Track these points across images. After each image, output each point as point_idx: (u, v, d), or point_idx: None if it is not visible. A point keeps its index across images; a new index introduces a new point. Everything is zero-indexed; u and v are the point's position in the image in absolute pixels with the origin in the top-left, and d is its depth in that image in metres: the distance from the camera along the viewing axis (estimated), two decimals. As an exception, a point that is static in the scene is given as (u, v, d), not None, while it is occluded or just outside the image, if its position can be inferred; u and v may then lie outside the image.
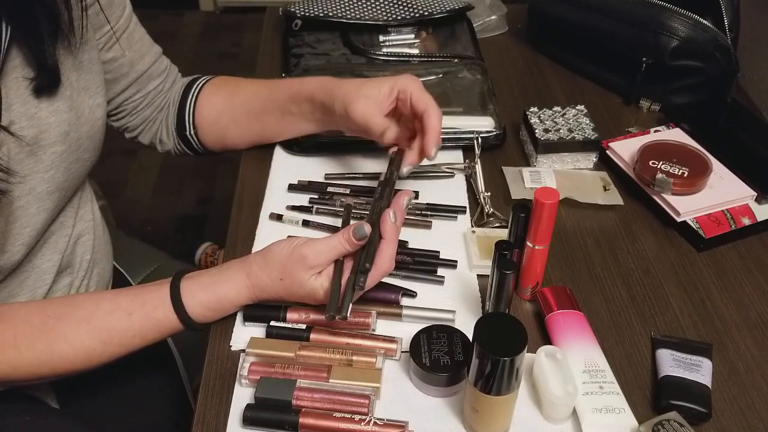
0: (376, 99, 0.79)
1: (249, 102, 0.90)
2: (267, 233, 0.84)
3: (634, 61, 1.02)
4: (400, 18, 1.12)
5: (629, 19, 1.01)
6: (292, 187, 0.90)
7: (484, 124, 0.95)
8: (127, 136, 0.93)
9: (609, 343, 0.72)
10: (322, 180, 0.91)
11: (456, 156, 0.95)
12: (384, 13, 1.13)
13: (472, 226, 0.85)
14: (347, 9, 1.13)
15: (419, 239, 0.83)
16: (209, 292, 0.69)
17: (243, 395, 0.66)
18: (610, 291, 0.78)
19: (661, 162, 0.87)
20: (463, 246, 0.82)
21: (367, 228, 0.66)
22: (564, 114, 0.96)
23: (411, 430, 0.63)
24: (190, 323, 0.69)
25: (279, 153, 0.95)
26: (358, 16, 1.12)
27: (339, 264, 0.68)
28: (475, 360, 0.58)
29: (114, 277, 0.95)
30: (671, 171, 0.85)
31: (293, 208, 0.87)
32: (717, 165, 0.89)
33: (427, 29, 1.15)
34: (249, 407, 0.64)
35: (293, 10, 1.14)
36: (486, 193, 0.87)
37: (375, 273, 0.66)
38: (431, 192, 0.89)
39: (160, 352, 0.94)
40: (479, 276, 0.79)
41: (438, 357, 0.66)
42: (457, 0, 1.16)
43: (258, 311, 0.72)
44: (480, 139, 0.92)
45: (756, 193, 0.86)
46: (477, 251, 0.80)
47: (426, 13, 1.13)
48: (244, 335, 0.71)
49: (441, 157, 0.92)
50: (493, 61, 1.15)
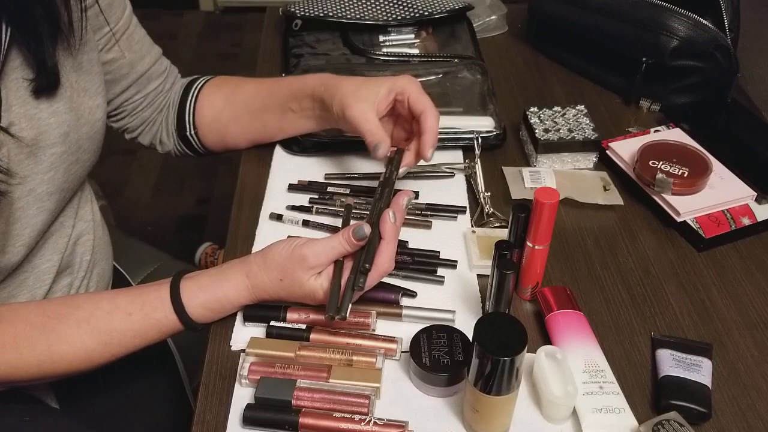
0: (373, 102, 0.79)
1: (250, 100, 0.90)
2: (267, 233, 0.84)
3: (634, 61, 1.01)
4: (400, 18, 1.12)
5: (629, 19, 1.01)
6: (292, 187, 0.90)
7: (484, 124, 0.95)
8: (127, 137, 0.93)
9: (609, 343, 0.72)
10: (322, 180, 0.91)
11: (456, 156, 0.95)
12: (384, 13, 1.13)
13: (472, 226, 0.85)
14: (347, 9, 1.13)
15: (419, 239, 0.83)
16: (209, 292, 0.69)
17: (243, 395, 0.66)
18: (610, 291, 0.78)
19: (661, 162, 0.87)
20: (463, 246, 0.82)
21: (367, 228, 0.66)
22: (564, 114, 0.96)
23: (411, 430, 0.63)
24: (190, 323, 0.69)
25: (279, 153, 0.95)
26: (358, 16, 1.12)
27: (339, 264, 0.68)
28: (475, 360, 0.58)
29: (114, 277, 0.95)
30: (671, 171, 0.85)
31: (293, 208, 0.87)
32: (717, 165, 0.89)
33: (427, 29, 1.15)
34: (249, 407, 0.64)
35: (293, 10, 1.14)
36: (486, 193, 0.87)
37: (375, 273, 0.66)
38: (431, 192, 0.89)
39: (160, 352, 0.94)
40: (479, 276, 0.79)
41: (438, 357, 0.66)
42: (457, 0, 1.16)
43: (258, 311, 0.72)
44: (480, 139, 0.92)
45: (756, 193, 0.86)
46: (477, 251, 0.80)
47: (426, 13, 1.13)
48: (244, 335, 0.71)
49: (441, 157, 0.93)
50: (493, 61, 1.15)
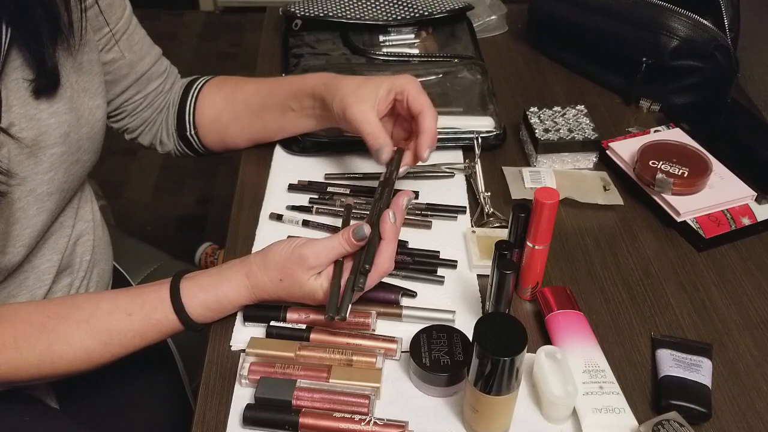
0: (373, 102, 0.79)
1: (250, 99, 0.90)
2: (267, 233, 0.84)
3: (634, 61, 1.01)
4: (400, 18, 1.12)
5: (629, 19, 1.01)
6: (292, 187, 0.90)
7: (484, 124, 0.95)
8: (127, 137, 0.93)
9: (609, 343, 0.72)
10: (322, 180, 0.91)
11: (456, 156, 0.95)
12: (384, 13, 1.13)
13: (472, 226, 0.85)
14: (347, 9, 1.13)
15: (419, 239, 0.83)
16: (209, 292, 0.69)
17: (243, 395, 0.66)
18: (610, 291, 0.78)
19: (661, 162, 0.87)
20: (463, 246, 0.82)
21: (367, 229, 0.66)
22: (564, 114, 0.96)
23: (411, 430, 0.63)
24: (190, 323, 0.69)
25: (279, 153, 0.95)
26: (358, 16, 1.12)
27: (339, 264, 0.68)
28: (475, 360, 0.58)
29: (114, 278, 0.95)
30: (671, 171, 0.85)
31: (293, 208, 0.87)
32: (717, 165, 0.89)
33: (427, 29, 1.15)
34: (249, 407, 0.64)
35: (293, 10, 1.14)
36: (486, 193, 0.87)
37: (374, 273, 0.66)
38: (431, 192, 0.89)
39: (160, 352, 0.94)
40: (479, 276, 0.79)
41: (438, 357, 0.66)
42: (457, 0, 1.16)
43: (258, 311, 0.72)
44: (480, 139, 0.92)
45: (756, 193, 0.86)
46: (477, 251, 0.80)
47: (426, 13, 1.13)
48: (244, 335, 0.71)
49: (441, 157, 0.93)
50: (493, 61, 1.15)
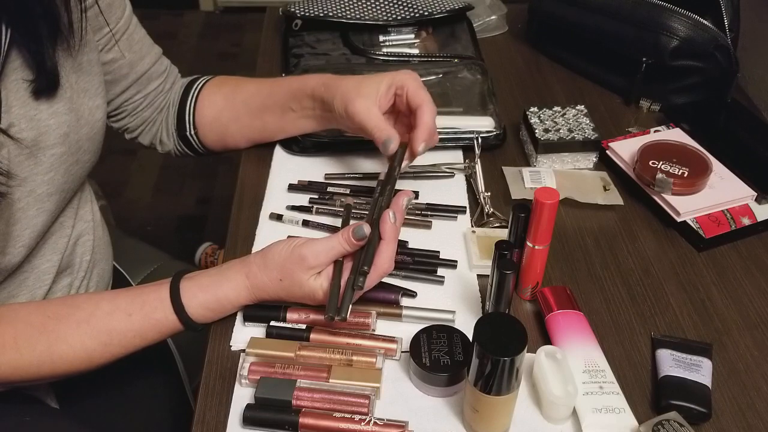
0: (374, 97, 0.79)
1: (250, 99, 0.90)
2: (267, 233, 0.84)
3: (634, 61, 1.01)
4: (400, 18, 1.12)
5: (629, 19, 1.01)
6: (292, 187, 0.90)
7: (484, 124, 0.95)
8: (127, 137, 0.93)
9: (609, 343, 0.72)
10: (322, 180, 0.91)
11: (456, 156, 0.95)
12: (384, 13, 1.13)
13: (472, 226, 0.85)
14: (347, 9, 1.13)
15: (419, 239, 0.83)
16: (209, 292, 0.69)
17: (243, 395, 0.66)
18: (610, 291, 0.78)
19: (661, 162, 0.87)
20: (463, 246, 0.82)
21: (367, 228, 0.66)
22: (564, 114, 0.96)
23: (411, 430, 0.63)
24: (189, 324, 0.69)
25: (279, 153, 0.95)
26: (358, 16, 1.12)
27: (338, 264, 0.68)
28: (475, 360, 0.58)
29: (114, 278, 0.95)
30: (671, 171, 0.85)
31: (293, 208, 0.87)
32: (717, 165, 0.89)
33: (427, 29, 1.15)
34: (249, 407, 0.64)
35: (293, 10, 1.14)
36: (486, 193, 0.87)
37: (374, 273, 0.66)
38: (431, 192, 0.89)
39: (160, 352, 0.94)
40: (479, 276, 0.79)
41: (438, 357, 0.66)
42: (457, 0, 1.16)
43: (258, 311, 0.72)
44: (480, 139, 0.92)
45: (756, 193, 0.86)
46: (477, 251, 0.80)
47: (426, 13, 1.13)
48: (244, 335, 0.71)
49: (441, 157, 0.93)
50: (493, 61, 1.15)
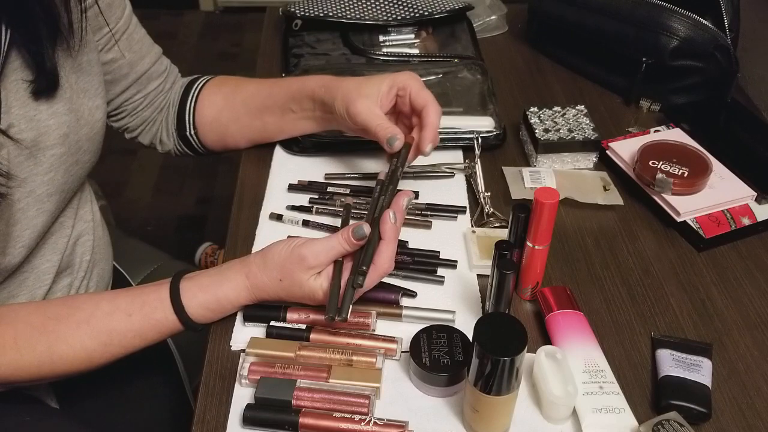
0: (375, 98, 0.79)
1: (250, 100, 0.90)
2: (267, 233, 0.84)
3: (634, 61, 1.01)
4: (400, 18, 1.12)
5: (629, 19, 1.01)
6: (292, 187, 0.90)
7: (484, 124, 0.95)
8: (127, 136, 0.93)
9: (609, 343, 0.72)
10: (322, 180, 0.91)
11: (456, 156, 0.95)
12: (384, 13, 1.13)
13: (472, 226, 0.85)
14: (347, 9, 1.13)
15: (419, 239, 0.83)
16: (209, 292, 0.69)
17: (243, 395, 0.66)
18: (610, 291, 0.78)
19: (661, 162, 0.87)
20: (463, 246, 0.82)
21: (366, 228, 0.66)
22: (564, 114, 0.96)
23: (411, 430, 0.63)
24: (189, 324, 0.69)
25: (279, 153, 0.95)
26: (358, 16, 1.12)
27: (339, 264, 0.68)
28: (475, 360, 0.58)
29: (114, 278, 0.95)
30: (671, 171, 0.85)
31: (293, 208, 0.87)
32: (717, 165, 0.89)
33: (427, 29, 1.15)
34: (249, 407, 0.64)
35: (293, 10, 1.14)
36: (486, 193, 0.87)
37: (374, 273, 0.66)
38: (431, 192, 0.89)
39: (160, 352, 0.94)
40: (479, 276, 0.79)
41: (438, 357, 0.66)
42: (457, 0, 1.16)
43: (258, 311, 0.72)
44: (480, 139, 0.92)
45: (756, 193, 0.86)
46: (477, 251, 0.80)
47: (426, 13, 1.13)
48: (244, 335, 0.71)
49: (441, 157, 0.93)
50: (493, 61, 1.15)
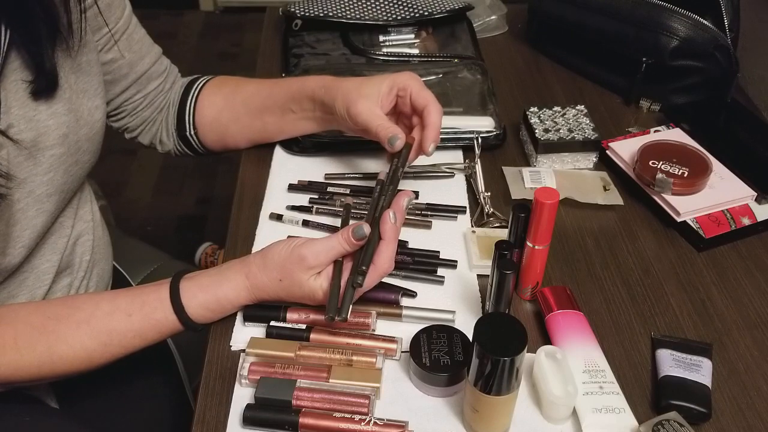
0: (376, 98, 0.79)
1: (250, 100, 0.90)
2: (267, 233, 0.84)
3: (634, 61, 1.01)
4: (400, 18, 1.12)
5: (629, 19, 1.01)
6: (292, 187, 0.90)
7: (484, 124, 0.95)
8: (127, 136, 0.93)
9: (609, 343, 0.72)
10: (322, 180, 0.91)
11: (456, 156, 0.95)
12: (384, 13, 1.13)
13: (472, 226, 0.85)
14: (347, 9, 1.13)
15: (419, 239, 0.83)
16: (208, 292, 0.69)
17: (243, 395, 0.66)
18: (610, 291, 0.78)
19: (661, 162, 0.87)
20: (463, 246, 0.82)
21: (366, 228, 0.66)
22: (564, 114, 0.96)
23: (411, 430, 0.63)
24: (189, 324, 0.69)
25: (279, 153, 0.95)
26: (358, 16, 1.12)
27: (338, 264, 0.68)
28: (475, 360, 0.58)
29: (114, 278, 0.95)
30: (671, 171, 0.85)
31: (293, 208, 0.87)
32: (717, 165, 0.89)
33: (427, 29, 1.15)
34: (249, 407, 0.64)
35: (293, 10, 1.14)
36: (486, 193, 0.87)
37: (374, 273, 0.66)
38: (431, 192, 0.89)
39: (160, 352, 0.94)
40: (479, 276, 0.79)
41: (438, 357, 0.66)
42: (457, 0, 1.16)
43: (258, 311, 0.72)
44: (480, 139, 0.92)
45: (756, 193, 0.86)
46: (477, 251, 0.80)
47: (426, 13, 1.13)
48: (244, 335, 0.71)
49: (441, 157, 0.93)
50: (493, 61, 1.15)
